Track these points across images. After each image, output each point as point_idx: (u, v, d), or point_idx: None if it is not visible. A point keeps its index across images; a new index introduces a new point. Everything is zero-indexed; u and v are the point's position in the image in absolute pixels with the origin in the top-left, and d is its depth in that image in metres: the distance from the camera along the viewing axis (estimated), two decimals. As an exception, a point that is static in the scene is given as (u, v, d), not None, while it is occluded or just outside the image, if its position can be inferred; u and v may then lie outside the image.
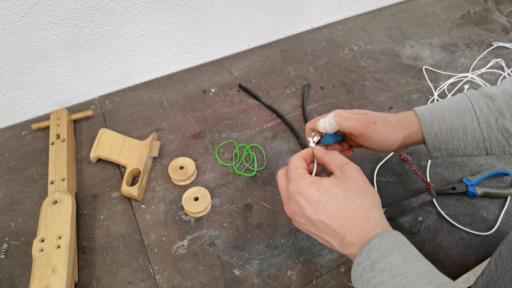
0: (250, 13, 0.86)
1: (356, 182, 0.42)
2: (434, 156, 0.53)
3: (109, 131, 0.70)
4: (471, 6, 1.08)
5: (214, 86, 0.84)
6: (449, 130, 0.49)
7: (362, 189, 0.42)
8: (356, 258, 0.39)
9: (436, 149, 0.51)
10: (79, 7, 0.66)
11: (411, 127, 0.51)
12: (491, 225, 0.63)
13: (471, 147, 0.49)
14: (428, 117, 0.50)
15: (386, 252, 0.37)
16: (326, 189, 0.41)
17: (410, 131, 0.51)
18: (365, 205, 0.41)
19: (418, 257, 0.37)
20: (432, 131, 0.50)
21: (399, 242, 0.38)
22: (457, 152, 0.51)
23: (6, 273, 0.57)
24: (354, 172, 0.43)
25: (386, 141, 0.50)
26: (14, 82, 0.70)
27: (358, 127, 0.49)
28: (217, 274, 0.57)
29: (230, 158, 0.71)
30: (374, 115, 0.51)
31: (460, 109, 0.49)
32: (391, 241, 0.38)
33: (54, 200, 0.58)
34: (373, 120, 0.50)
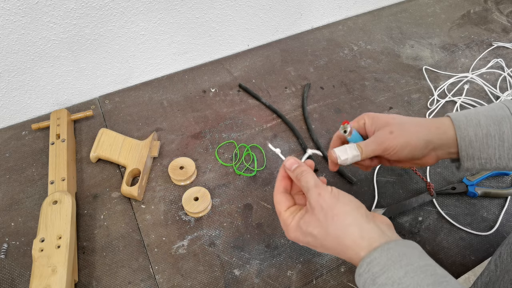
0: (250, 13, 0.86)
1: (320, 211, 0.41)
2: (465, 166, 0.49)
3: (109, 131, 0.70)
4: (471, 6, 1.08)
5: (214, 86, 0.84)
6: (485, 137, 0.46)
7: (329, 216, 0.41)
8: (357, 269, 0.39)
9: (469, 158, 0.48)
10: (79, 7, 0.66)
11: (440, 127, 0.48)
12: (491, 225, 0.63)
13: (507, 157, 0.46)
14: (463, 122, 0.47)
15: (387, 265, 0.37)
16: (305, 231, 0.42)
17: (439, 131, 0.48)
18: (337, 233, 0.40)
19: (421, 268, 0.37)
20: (467, 137, 0.47)
21: (399, 254, 0.37)
22: (491, 163, 0.47)
23: (6, 273, 0.57)
24: (315, 199, 0.42)
25: (409, 142, 0.47)
26: (14, 82, 0.70)
27: (378, 148, 0.48)
28: (217, 274, 0.57)
29: (230, 158, 0.71)
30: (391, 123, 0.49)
31: (498, 115, 0.46)
32: (391, 253, 0.37)
33: (54, 200, 0.58)
34: (389, 131, 0.48)
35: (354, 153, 0.49)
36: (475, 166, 0.48)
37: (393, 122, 0.49)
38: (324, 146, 0.73)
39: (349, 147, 0.49)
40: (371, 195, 0.66)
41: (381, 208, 0.64)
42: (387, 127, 0.49)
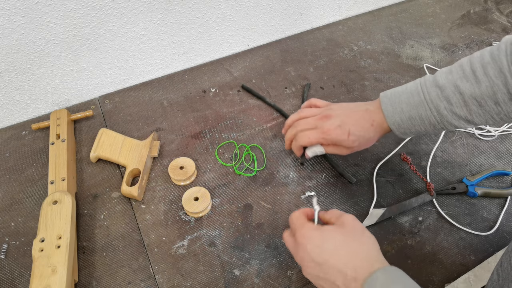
0: (250, 13, 0.86)
1: (353, 227, 0.47)
2: (403, 138, 0.65)
3: (109, 131, 0.70)
4: (471, 6, 1.08)
5: (214, 86, 0.84)
6: (409, 120, 0.57)
7: (359, 232, 0.47)
8: None
9: (402, 134, 0.59)
10: (79, 7, 0.66)
11: (382, 127, 0.59)
12: (491, 225, 0.63)
13: (430, 129, 0.57)
14: (390, 111, 0.58)
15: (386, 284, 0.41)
16: (328, 233, 0.47)
17: (383, 128, 0.60)
18: (363, 245, 0.46)
19: None
20: (395, 122, 0.58)
21: (397, 276, 0.42)
22: (420, 133, 0.59)
23: (6, 273, 0.57)
24: (350, 219, 0.48)
25: (368, 144, 0.61)
26: (14, 82, 0.70)
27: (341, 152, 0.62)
28: (217, 274, 0.57)
29: (230, 158, 0.71)
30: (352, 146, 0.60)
31: (416, 101, 0.56)
32: (390, 274, 0.42)
33: (54, 200, 0.58)
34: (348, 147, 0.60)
35: (321, 151, 0.63)
36: (411, 136, 0.62)
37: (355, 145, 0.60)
38: (324, 146, 0.73)
39: (318, 149, 0.63)
40: (371, 195, 0.66)
41: (381, 208, 0.64)
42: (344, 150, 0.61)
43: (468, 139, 0.75)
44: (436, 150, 0.73)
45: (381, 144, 0.74)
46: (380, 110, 0.59)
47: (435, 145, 0.73)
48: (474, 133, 0.75)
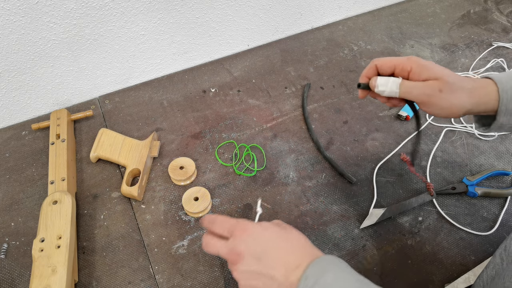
0: (250, 13, 0.86)
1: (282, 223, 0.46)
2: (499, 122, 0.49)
3: (109, 131, 0.70)
4: (471, 6, 1.08)
5: (214, 86, 0.84)
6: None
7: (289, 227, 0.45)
8: None
9: (507, 112, 0.48)
10: (79, 7, 0.66)
11: (484, 96, 0.48)
12: (491, 225, 0.63)
13: None
14: (504, 77, 0.48)
15: (318, 275, 0.39)
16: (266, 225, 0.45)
17: (482, 100, 0.48)
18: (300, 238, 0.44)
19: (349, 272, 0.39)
20: (510, 90, 0.47)
21: (329, 263, 0.40)
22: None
23: (6, 273, 0.57)
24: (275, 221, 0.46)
25: (451, 108, 0.48)
26: (14, 82, 0.70)
27: (421, 97, 0.48)
28: (217, 274, 0.57)
29: (230, 158, 0.71)
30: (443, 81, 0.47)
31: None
32: (321, 264, 0.40)
33: (54, 200, 0.58)
34: (438, 87, 0.47)
35: (394, 89, 0.49)
36: (510, 122, 0.49)
37: (444, 78, 0.47)
38: (324, 146, 0.73)
39: (392, 81, 0.49)
40: (371, 195, 0.66)
41: (381, 208, 0.64)
42: (438, 82, 0.47)
43: (468, 139, 0.75)
44: (436, 150, 0.73)
45: (381, 144, 0.74)
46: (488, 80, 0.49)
47: (435, 145, 0.73)
48: (474, 133, 0.75)
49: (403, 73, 0.50)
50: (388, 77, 0.50)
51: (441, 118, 0.73)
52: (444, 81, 0.47)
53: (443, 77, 0.48)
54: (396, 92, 0.49)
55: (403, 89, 0.49)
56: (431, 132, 0.76)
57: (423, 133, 0.75)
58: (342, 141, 0.74)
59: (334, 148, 0.73)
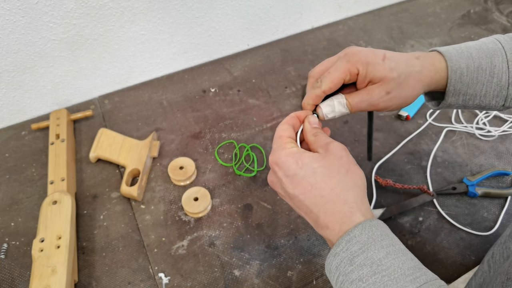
0: (250, 13, 0.86)
1: (338, 159, 0.39)
2: (447, 102, 0.47)
3: (108, 131, 0.70)
4: (471, 6, 1.07)
5: (214, 86, 0.84)
6: (476, 71, 0.44)
7: (344, 167, 0.39)
8: (333, 249, 0.36)
9: (455, 93, 0.46)
10: (79, 7, 0.66)
11: (434, 74, 0.45)
12: (491, 225, 0.63)
13: (492, 94, 0.45)
14: (454, 55, 0.45)
15: (367, 244, 0.34)
16: (305, 162, 0.39)
17: (433, 79, 0.45)
18: (345, 184, 0.38)
19: (402, 251, 0.35)
20: (458, 70, 0.44)
21: (381, 234, 0.35)
22: (474, 100, 0.46)
23: (6, 273, 0.57)
24: (338, 149, 0.40)
25: (406, 101, 0.45)
26: (14, 82, 0.70)
27: (371, 107, 0.45)
28: (217, 274, 0.57)
29: (230, 158, 0.71)
30: (387, 81, 0.43)
31: (490, 49, 0.44)
32: (373, 232, 0.35)
33: (54, 200, 0.58)
34: (385, 91, 0.43)
35: (343, 111, 0.45)
36: (458, 102, 0.47)
37: (388, 77, 0.43)
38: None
39: (337, 103, 0.45)
40: (370, 195, 0.66)
41: (381, 208, 0.64)
42: (384, 85, 0.43)
43: (469, 139, 0.75)
44: (437, 150, 0.72)
45: (381, 143, 0.73)
46: (436, 55, 0.45)
47: (436, 145, 0.73)
48: (474, 133, 0.75)
49: (351, 79, 0.45)
50: (330, 99, 0.46)
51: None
52: (388, 81, 0.43)
53: (386, 75, 0.43)
54: (347, 111, 0.46)
55: (352, 108, 0.45)
56: (432, 132, 0.75)
57: (424, 133, 0.75)
58: (343, 141, 0.73)
59: (334, 148, 0.73)
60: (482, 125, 0.76)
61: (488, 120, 0.77)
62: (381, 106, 0.44)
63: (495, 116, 0.78)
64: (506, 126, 0.76)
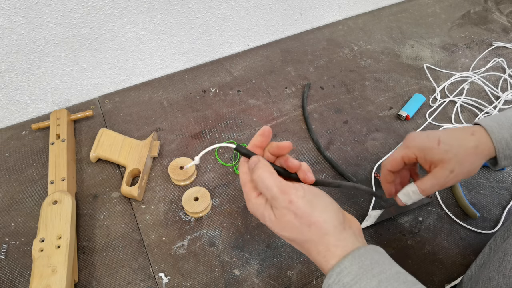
0: (250, 13, 0.86)
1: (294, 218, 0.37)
2: (502, 165, 0.49)
3: (109, 131, 0.70)
4: (471, 6, 1.07)
5: (214, 86, 0.84)
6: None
7: (304, 225, 0.37)
8: (325, 281, 0.36)
9: (506, 157, 0.48)
10: (79, 7, 0.66)
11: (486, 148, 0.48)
12: (492, 226, 0.63)
13: None
14: (495, 127, 0.47)
15: (358, 274, 0.34)
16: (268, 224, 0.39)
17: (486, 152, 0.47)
18: (312, 239, 0.37)
19: (395, 276, 0.35)
20: (503, 139, 0.47)
21: (372, 262, 0.35)
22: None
23: (6, 273, 0.57)
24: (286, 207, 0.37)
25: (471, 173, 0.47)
26: (14, 82, 0.70)
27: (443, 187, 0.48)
28: (217, 274, 0.57)
29: (230, 158, 0.71)
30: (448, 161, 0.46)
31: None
32: (363, 261, 0.35)
33: (54, 200, 0.58)
34: (449, 170, 0.46)
35: (417, 197, 0.49)
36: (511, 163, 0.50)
37: (448, 157, 0.46)
38: (324, 146, 0.73)
39: (412, 192, 0.49)
40: (371, 195, 0.66)
41: (380, 209, 0.64)
42: (446, 165, 0.46)
43: (468, 139, 0.75)
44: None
45: (381, 144, 0.74)
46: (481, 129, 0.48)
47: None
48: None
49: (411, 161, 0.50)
50: (405, 189, 0.50)
51: None
52: (447, 162, 0.46)
53: (443, 158, 0.46)
54: (420, 197, 0.49)
55: (425, 193, 0.48)
56: (431, 132, 0.76)
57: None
58: (342, 141, 0.74)
59: (334, 148, 0.73)
60: (482, 125, 0.76)
61: (488, 120, 0.77)
62: (450, 184, 0.47)
63: (495, 116, 0.78)
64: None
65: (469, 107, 0.80)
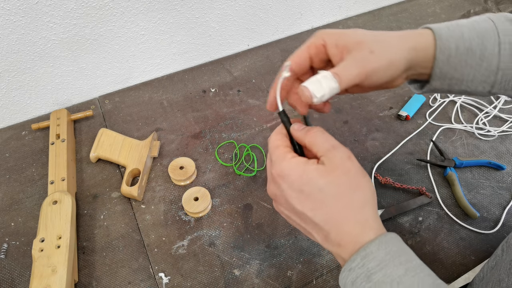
0: (250, 13, 0.86)
1: (346, 173, 0.36)
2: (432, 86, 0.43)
3: (109, 131, 0.70)
4: (471, 6, 1.07)
5: (214, 86, 0.84)
6: (466, 53, 0.40)
7: (353, 183, 0.36)
8: (347, 264, 0.35)
9: (441, 76, 0.41)
10: (79, 7, 0.66)
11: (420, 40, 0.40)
12: (492, 225, 0.63)
13: (480, 79, 0.41)
14: (445, 32, 0.40)
15: (385, 261, 0.33)
16: (311, 177, 0.35)
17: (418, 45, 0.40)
18: (354, 204, 0.35)
19: (420, 267, 0.34)
20: (447, 50, 0.40)
21: (398, 249, 0.34)
22: (460, 85, 0.42)
23: (6, 273, 0.57)
24: (344, 160, 0.36)
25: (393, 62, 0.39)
26: (14, 82, 0.70)
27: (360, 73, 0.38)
28: (217, 274, 0.57)
29: (230, 158, 0.71)
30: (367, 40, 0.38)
31: (482, 28, 0.40)
32: (390, 248, 0.34)
33: (54, 200, 0.58)
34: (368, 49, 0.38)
35: (332, 85, 0.37)
36: (443, 86, 0.43)
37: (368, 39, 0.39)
38: (324, 146, 0.73)
39: (323, 78, 0.37)
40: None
41: (380, 209, 0.64)
42: (364, 46, 0.38)
43: (468, 139, 0.75)
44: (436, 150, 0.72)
45: (381, 144, 0.74)
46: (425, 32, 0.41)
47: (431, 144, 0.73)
48: (474, 132, 0.75)
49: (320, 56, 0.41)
50: (314, 77, 0.38)
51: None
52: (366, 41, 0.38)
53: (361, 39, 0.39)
54: (336, 86, 0.37)
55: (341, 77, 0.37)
56: (431, 132, 0.75)
57: (423, 133, 0.75)
58: (342, 141, 0.74)
59: (334, 148, 0.73)
60: (482, 125, 0.76)
61: (488, 120, 0.77)
62: (369, 68, 0.38)
63: (495, 116, 0.78)
64: (506, 126, 0.76)
65: (469, 107, 0.80)
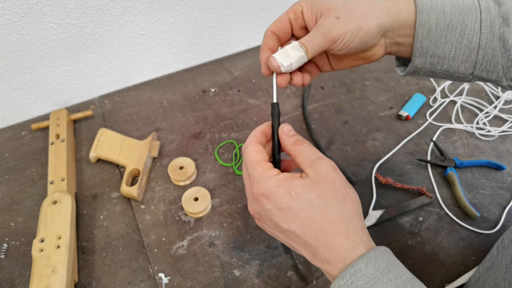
0: (250, 13, 0.86)
1: (332, 184, 0.35)
2: (415, 64, 0.42)
3: (108, 131, 0.70)
4: None
5: (214, 86, 0.84)
6: (446, 28, 0.39)
7: (341, 195, 0.35)
8: (336, 281, 0.34)
9: (422, 53, 0.41)
10: (79, 7, 0.66)
11: (392, 7, 0.40)
12: (492, 225, 0.63)
13: (461, 57, 0.40)
14: (427, 4, 0.40)
15: (374, 278, 0.32)
16: (299, 193, 0.35)
17: (391, 11, 0.39)
18: (344, 215, 0.35)
19: (411, 282, 0.33)
20: (427, 24, 0.39)
21: (388, 265, 0.33)
22: (442, 64, 0.41)
23: (6, 273, 0.57)
24: (329, 170, 0.36)
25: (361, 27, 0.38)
26: (14, 82, 0.70)
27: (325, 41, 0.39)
28: (217, 274, 0.57)
29: (230, 158, 0.71)
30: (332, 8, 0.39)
31: (465, 5, 0.40)
32: (379, 264, 0.33)
33: (54, 200, 0.58)
34: (335, 15, 0.39)
35: (298, 54, 0.39)
36: (425, 65, 0.42)
37: (337, 5, 0.39)
38: (324, 146, 0.73)
39: (290, 48, 0.39)
40: (371, 195, 0.66)
41: (380, 209, 0.64)
42: (331, 12, 0.39)
43: (469, 139, 0.75)
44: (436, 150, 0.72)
45: (381, 144, 0.73)
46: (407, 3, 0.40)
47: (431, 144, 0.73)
48: (474, 132, 0.75)
49: (299, 22, 0.43)
50: (283, 47, 0.40)
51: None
52: (334, 8, 0.39)
53: (332, 4, 0.39)
54: (304, 55, 0.39)
55: (307, 46, 0.39)
56: (432, 132, 0.75)
57: (424, 133, 0.75)
58: (343, 141, 0.74)
59: (334, 148, 0.73)
60: (482, 125, 0.76)
61: (488, 120, 0.77)
62: (334, 33, 0.38)
63: (495, 116, 0.78)
64: (506, 126, 0.76)
65: (469, 107, 0.80)
